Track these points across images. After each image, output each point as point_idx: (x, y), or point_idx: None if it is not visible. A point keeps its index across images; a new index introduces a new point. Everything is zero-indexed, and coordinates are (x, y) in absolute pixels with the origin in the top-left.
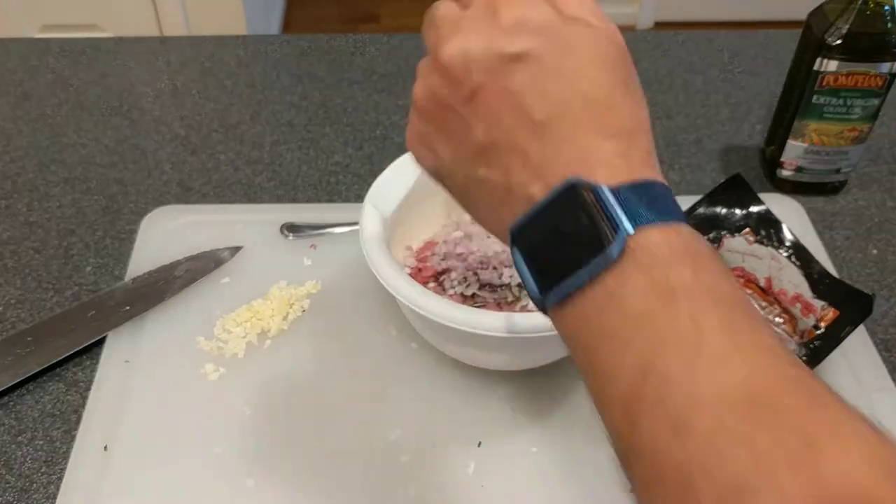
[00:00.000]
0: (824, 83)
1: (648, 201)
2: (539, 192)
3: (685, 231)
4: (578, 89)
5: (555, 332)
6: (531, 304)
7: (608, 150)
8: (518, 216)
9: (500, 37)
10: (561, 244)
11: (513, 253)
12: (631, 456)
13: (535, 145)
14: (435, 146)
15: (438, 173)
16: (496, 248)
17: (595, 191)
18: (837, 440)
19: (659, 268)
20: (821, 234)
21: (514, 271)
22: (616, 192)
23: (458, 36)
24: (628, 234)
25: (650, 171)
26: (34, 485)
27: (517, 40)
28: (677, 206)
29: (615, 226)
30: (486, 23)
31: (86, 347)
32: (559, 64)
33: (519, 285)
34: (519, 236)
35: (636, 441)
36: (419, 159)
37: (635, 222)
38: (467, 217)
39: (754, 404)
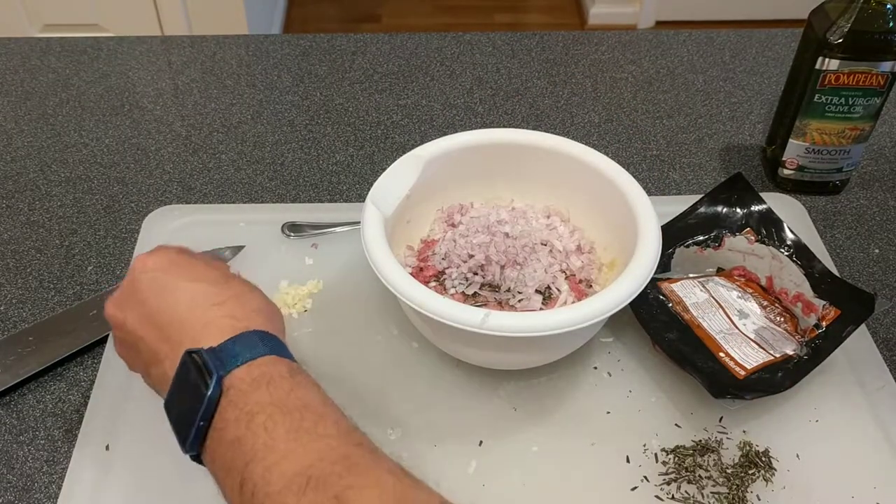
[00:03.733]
0: (826, 82)
1: (241, 347)
2: (171, 370)
3: (265, 361)
4: (173, 294)
5: (556, 332)
6: (532, 304)
7: (211, 317)
8: (167, 393)
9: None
10: (184, 402)
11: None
12: None
13: (158, 342)
14: (131, 366)
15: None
16: (497, 247)
17: (199, 353)
18: (361, 492)
19: (243, 398)
20: (822, 233)
21: (515, 271)
22: (214, 349)
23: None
24: (220, 377)
25: (254, 323)
26: (36, 484)
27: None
28: (264, 343)
29: (210, 375)
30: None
31: (87, 347)
32: (155, 289)
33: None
34: (168, 411)
35: None
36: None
37: (225, 369)
38: (467, 216)
39: (309, 483)
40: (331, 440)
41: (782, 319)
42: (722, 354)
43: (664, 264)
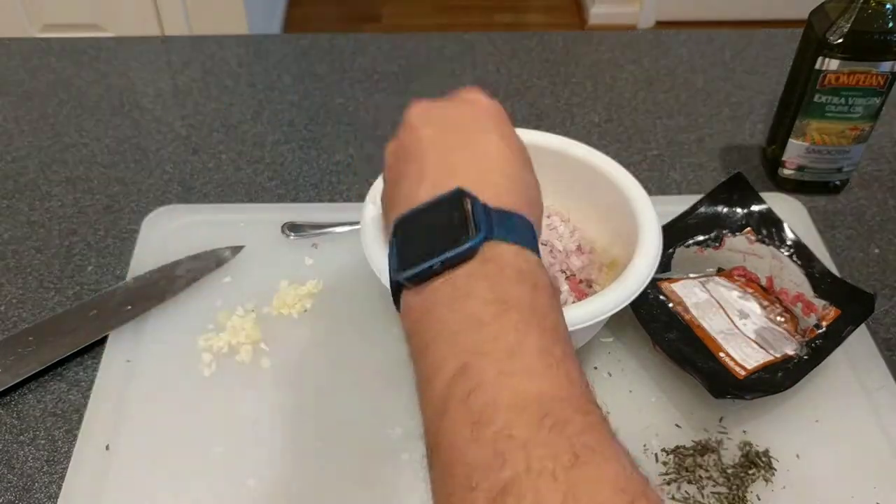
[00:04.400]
0: (826, 82)
1: (512, 226)
2: (427, 194)
3: (532, 257)
4: (484, 146)
5: None
6: None
7: (495, 182)
8: (410, 208)
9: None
10: (430, 235)
11: (392, 241)
12: (434, 449)
13: (443, 169)
14: (387, 186)
15: (382, 205)
16: None
17: (473, 201)
18: (601, 463)
19: (503, 280)
20: (822, 233)
21: None
22: (489, 208)
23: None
24: (485, 239)
25: (525, 209)
26: (36, 484)
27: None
28: (535, 240)
29: (477, 229)
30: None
31: (87, 347)
32: (477, 127)
33: None
34: (399, 226)
35: (441, 434)
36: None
37: (493, 235)
38: None
39: (545, 418)
40: (574, 384)
41: (782, 319)
42: (722, 354)
43: (664, 264)
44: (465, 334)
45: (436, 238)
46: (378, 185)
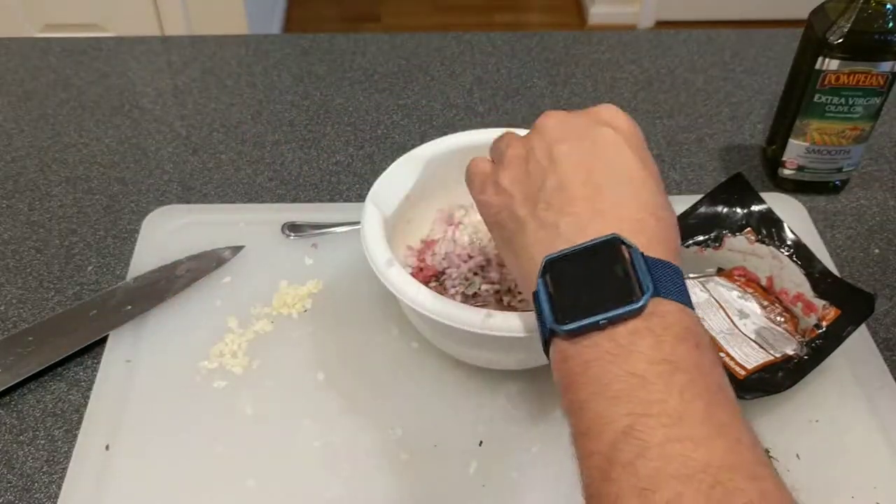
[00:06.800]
0: (826, 82)
1: (668, 278)
2: (580, 237)
3: (692, 314)
4: (628, 173)
5: None
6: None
7: (646, 225)
8: (556, 250)
9: (590, 120)
10: (591, 285)
11: (539, 282)
12: (596, 502)
13: (589, 202)
14: (509, 187)
15: (501, 208)
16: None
17: (632, 251)
18: None
19: (668, 339)
20: (822, 233)
21: None
22: (647, 259)
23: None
24: (652, 298)
25: (673, 256)
26: (36, 484)
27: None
28: (687, 291)
29: (643, 286)
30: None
31: (87, 347)
32: (618, 152)
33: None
34: (553, 266)
35: (604, 493)
36: (487, 196)
37: (658, 291)
38: (468, 219)
39: (711, 486)
40: (743, 449)
41: (782, 319)
42: (722, 354)
43: None
44: (630, 394)
45: (598, 291)
46: (378, 187)
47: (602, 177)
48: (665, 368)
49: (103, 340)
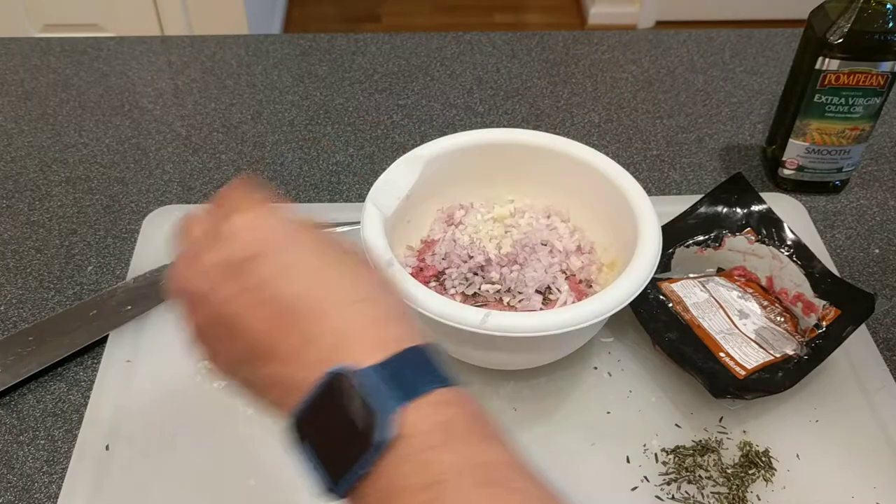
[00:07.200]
0: (826, 82)
1: (412, 372)
2: (305, 381)
3: (445, 398)
4: (314, 279)
5: (556, 332)
6: (532, 304)
7: (361, 327)
8: (295, 407)
9: (225, 247)
10: (332, 435)
11: (298, 445)
12: None
13: (289, 337)
14: (212, 357)
15: (223, 375)
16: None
17: (353, 376)
18: None
19: (426, 454)
20: (822, 233)
21: (515, 272)
22: (377, 372)
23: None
24: (391, 421)
25: (407, 335)
26: (36, 484)
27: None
28: (434, 365)
29: (373, 415)
30: (213, 239)
31: (87, 347)
32: (291, 259)
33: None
34: (302, 428)
35: None
36: (209, 365)
37: (393, 406)
38: (468, 219)
39: None
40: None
41: (782, 319)
42: (722, 354)
43: (664, 264)
44: None
45: (341, 441)
46: (378, 187)
47: (279, 299)
48: (432, 492)
49: (103, 340)
